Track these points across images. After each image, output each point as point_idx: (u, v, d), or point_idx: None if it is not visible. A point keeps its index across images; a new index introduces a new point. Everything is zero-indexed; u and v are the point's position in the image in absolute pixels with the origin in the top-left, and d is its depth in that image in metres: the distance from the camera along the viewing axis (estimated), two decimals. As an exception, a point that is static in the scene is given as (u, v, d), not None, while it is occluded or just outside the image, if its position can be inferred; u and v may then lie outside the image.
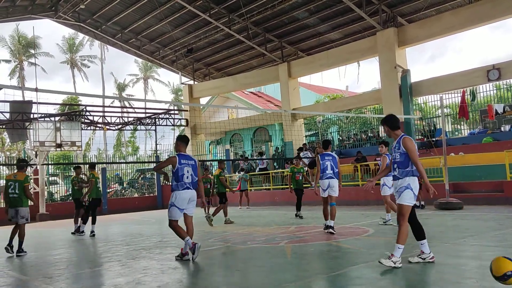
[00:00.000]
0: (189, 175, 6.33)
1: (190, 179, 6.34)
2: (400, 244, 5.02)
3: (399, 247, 5.00)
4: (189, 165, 6.37)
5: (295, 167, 12.36)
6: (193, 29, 22.48)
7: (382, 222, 9.21)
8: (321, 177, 8.34)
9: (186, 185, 6.30)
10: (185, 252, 6.34)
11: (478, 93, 17.81)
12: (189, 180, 6.34)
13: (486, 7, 15.86)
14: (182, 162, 6.32)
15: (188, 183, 6.32)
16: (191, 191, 6.37)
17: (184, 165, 6.32)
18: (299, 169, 12.34)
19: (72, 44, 46.68)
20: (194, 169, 6.42)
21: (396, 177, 5.28)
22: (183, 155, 6.47)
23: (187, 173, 6.31)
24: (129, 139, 50.03)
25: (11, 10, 21.08)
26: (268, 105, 30.10)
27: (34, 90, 7.68)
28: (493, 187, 12.94)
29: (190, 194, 6.35)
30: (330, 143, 9.00)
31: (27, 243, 9.08)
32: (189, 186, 6.34)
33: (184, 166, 6.31)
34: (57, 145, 19.02)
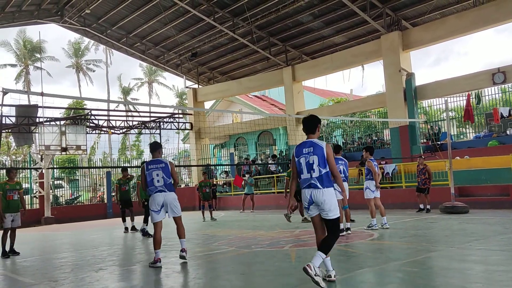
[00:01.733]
0: (160, 178, 6.49)
1: (162, 181, 6.48)
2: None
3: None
4: (158, 169, 6.53)
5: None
6: (197, 33, 22.57)
7: (380, 225, 9.18)
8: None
9: (158, 188, 6.47)
10: (157, 259, 6.33)
11: (483, 97, 17.73)
12: (161, 183, 6.48)
13: (490, 10, 15.82)
14: (149, 167, 6.55)
15: (160, 186, 6.48)
16: (165, 193, 6.48)
17: (152, 169, 6.53)
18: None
19: (77, 48, 46.99)
20: (165, 171, 6.53)
21: None
22: (152, 160, 6.68)
23: (156, 176, 6.49)
24: (134, 142, 50.18)
25: (17, 15, 21.25)
26: (272, 109, 30.11)
27: (39, 95, 7.73)
28: (499, 190, 12.87)
29: (163, 197, 6.46)
30: (341, 148, 9.16)
31: (32, 246, 9.14)
32: (162, 188, 6.47)
33: (152, 170, 6.52)
34: (63, 149, 19.11)
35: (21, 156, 38.40)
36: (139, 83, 53.57)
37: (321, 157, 4.57)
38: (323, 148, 4.60)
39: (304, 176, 4.65)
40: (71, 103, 38.94)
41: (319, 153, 4.58)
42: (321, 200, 4.51)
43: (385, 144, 20.17)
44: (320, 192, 4.52)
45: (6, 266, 7.61)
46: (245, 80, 24.85)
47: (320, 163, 4.57)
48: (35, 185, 21.05)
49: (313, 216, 4.65)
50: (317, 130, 4.78)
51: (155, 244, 6.39)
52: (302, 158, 4.67)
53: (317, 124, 4.80)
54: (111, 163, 34.52)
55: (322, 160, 4.57)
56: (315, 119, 4.83)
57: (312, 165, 4.57)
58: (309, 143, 4.70)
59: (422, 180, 12.94)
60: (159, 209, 6.44)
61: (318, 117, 4.87)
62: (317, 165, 4.56)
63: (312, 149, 4.64)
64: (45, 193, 19.94)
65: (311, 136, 4.77)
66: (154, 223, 6.49)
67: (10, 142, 38.29)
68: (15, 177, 9.25)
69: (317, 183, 4.54)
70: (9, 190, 8.76)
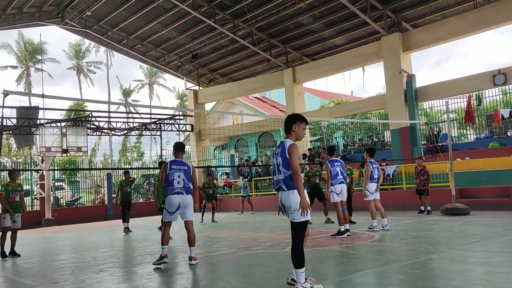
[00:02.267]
0: (180, 180, 6.46)
1: (181, 184, 6.47)
2: None
3: None
4: (180, 170, 6.50)
5: (310, 171, 12.08)
6: (198, 34, 22.59)
7: (381, 227, 9.17)
8: (333, 182, 8.53)
9: (177, 190, 6.44)
10: (163, 255, 6.37)
11: (484, 98, 17.73)
12: (181, 185, 6.46)
13: (491, 12, 15.83)
14: (172, 167, 6.50)
15: (179, 187, 6.45)
16: (183, 196, 6.47)
17: (175, 170, 6.48)
18: (314, 172, 12.02)
19: (78, 50, 47.07)
20: (187, 174, 6.52)
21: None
22: (175, 161, 6.63)
23: (178, 178, 6.46)
24: (135, 144, 50.22)
25: (18, 17, 21.28)
26: (273, 110, 30.12)
27: (40, 96, 7.73)
28: (500, 192, 12.86)
29: (181, 199, 6.45)
30: (335, 149, 9.11)
31: (33, 248, 9.14)
32: (180, 190, 6.46)
33: (175, 171, 6.48)
34: (63, 151, 19.11)
35: (22, 158, 38.44)
36: (139, 85, 53.67)
37: (285, 158, 4.31)
38: (286, 149, 4.33)
39: (275, 178, 4.48)
40: (72, 105, 38.97)
41: (283, 154, 4.34)
42: (286, 203, 4.31)
43: (385, 145, 20.16)
44: (286, 194, 4.32)
45: (7, 268, 7.61)
46: (245, 81, 24.87)
47: (283, 164, 4.33)
48: (35, 187, 21.06)
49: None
50: (292, 129, 4.47)
51: (163, 240, 6.44)
52: (274, 159, 4.53)
53: (292, 123, 4.49)
54: (112, 164, 34.56)
55: (286, 162, 4.31)
56: (290, 117, 4.57)
57: (279, 166, 4.39)
58: (281, 143, 4.48)
59: (421, 181, 12.92)
60: (174, 211, 6.46)
61: (296, 116, 4.59)
62: (282, 166, 4.34)
63: (279, 150, 4.43)
64: (45, 194, 19.95)
65: (287, 136, 4.52)
66: (165, 221, 6.55)
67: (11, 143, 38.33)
68: (17, 179, 9.33)
69: (282, 185, 4.34)
70: (11, 191, 8.85)
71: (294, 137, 4.48)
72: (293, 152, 4.29)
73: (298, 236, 4.29)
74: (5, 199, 8.73)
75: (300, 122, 4.51)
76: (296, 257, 4.23)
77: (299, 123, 4.48)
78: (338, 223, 8.61)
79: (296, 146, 4.38)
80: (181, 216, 6.55)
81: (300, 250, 4.24)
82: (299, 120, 4.51)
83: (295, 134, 4.48)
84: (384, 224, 9.11)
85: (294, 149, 4.32)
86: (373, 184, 9.08)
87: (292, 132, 4.47)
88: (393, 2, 17.55)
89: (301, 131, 4.50)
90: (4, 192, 8.79)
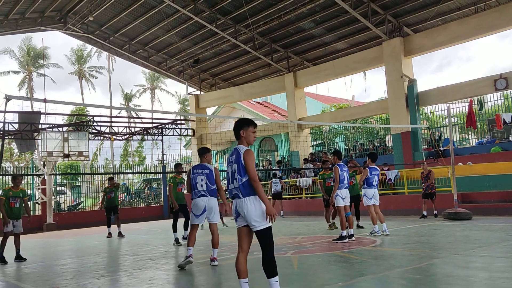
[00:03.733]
0: (203, 183, 6.67)
1: (204, 187, 6.67)
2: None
3: None
4: (203, 174, 6.71)
5: (325, 173, 11.34)
6: (199, 39, 22.66)
7: (381, 232, 9.15)
8: (340, 187, 8.53)
9: (201, 193, 6.67)
10: (188, 255, 6.54)
11: (486, 103, 17.72)
12: (204, 188, 6.67)
13: (492, 17, 15.86)
14: (195, 172, 6.75)
15: (203, 191, 6.67)
16: (207, 199, 6.66)
17: (197, 174, 6.71)
18: (329, 175, 11.10)
19: (80, 55, 47.24)
20: (210, 177, 6.71)
21: None
22: (198, 165, 6.86)
23: (200, 181, 6.67)
24: (136, 149, 50.25)
25: (21, 22, 21.39)
26: (274, 115, 30.14)
27: (42, 101, 7.75)
28: (502, 197, 12.82)
29: (205, 202, 6.65)
30: (341, 154, 9.15)
31: (34, 252, 9.12)
32: (204, 193, 6.67)
33: (197, 175, 6.71)
34: (65, 155, 19.13)
35: (24, 163, 38.48)
36: (141, 90, 53.80)
37: (240, 165, 4.12)
38: (241, 155, 4.14)
39: (230, 187, 4.28)
40: (73, 110, 39.09)
41: (238, 161, 4.14)
42: (243, 211, 4.07)
43: (387, 150, 20.14)
44: (241, 202, 4.09)
45: (8, 272, 7.60)
46: (247, 86, 24.91)
47: (239, 171, 4.13)
48: (37, 191, 21.06)
49: (238, 227, 4.22)
50: (241, 135, 4.28)
51: (189, 241, 6.69)
52: (228, 167, 4.32)
53: (240, 128, 4.28)
54: (113, 169, 34.57)
55: (241, 168, 4.11)
56: (237, 122, 4.33)
57: (234, 174, 4.19)
58: (234, 150, 4.27)
59: (429, 185, 12.89)
60: (200, 214, 6.65)
61: (243, 120, 4.36)
62: (237, 174, 4.14)
63: (233, 157, 4.22)
64: (47, 199, 19.95)
65: (238, 142, 4.32)
66: (192, 224, 6.78)
67: (13, 148, 38.41)
68: (20, 184, 9.14)
69: (238, 193, 4.13)
70: (12, 197, 8.77)
71: (245, 142, 4.29)
72: (249, 159, 4.10)
73: (266, 243, 4.07)
74: (6, 205, 8.65)
75: (247, 126, 4.30)
76: (267, 266, 4.03)
77: (246, 127, 4.28)
78: (340, 227, 8.58)
79: (251, 152, 4.18)
80: (207, 218, 6.73)
81: (271, 258, 4.05)
82: (246, 124, 4.31)
83: (244, 139, 4.28)
84: (383, 229, 9.09)
85: (249, 155, 4.12)
86: (344, 190, 8.70)
87: (241, 137, 4.28)
88: (394, 7, 17.60)
89: (250, 135, 4.29)
90: (4, 197, 8.69)
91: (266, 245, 4.08)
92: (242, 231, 4.20)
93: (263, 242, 4.08)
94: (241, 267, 4.13)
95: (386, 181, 16.04)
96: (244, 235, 4.19)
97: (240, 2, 18.57)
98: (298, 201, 18.45)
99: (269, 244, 4.09)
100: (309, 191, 18.08)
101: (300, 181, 18.71)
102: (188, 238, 6.76)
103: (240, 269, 4.13)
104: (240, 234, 4.21)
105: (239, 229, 4.21)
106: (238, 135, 4.30)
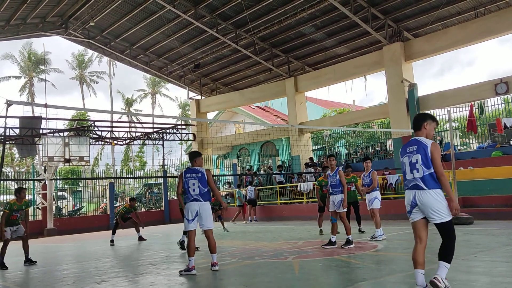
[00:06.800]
0: (196, 187, 6.52)
1: (197, 190, 6.51)
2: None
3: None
4: (194, 178, 6.56)
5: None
6: (200, 44, 22.73)
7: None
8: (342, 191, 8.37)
9: (193, 197, 6.51)
10: (191, 266, 6.38)
11: (486, 107, 17.72)
12: (196, 192, 6.51)
13: (492, 21, 15.90)
14: (186, 176, 6.61)
15: (195, 195, 6.51)
16: (200, 203, 6.50)
17: (189, 178, 6.57)
18: (350, 179, 10.72)
19: (81, 60, 47.38)
20: (202, 180, 6.55)
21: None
22: (190, 169, 6.71)
23: (192, 185, 6.52)
24: (137, 154, 50.27)
25: (22, 28, 21.48)
26: (275, 120, 30.16)
27: (43, 106, 7.78)
28: (503, 201, 12.78)
29: (198, 206, 6.49)
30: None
31: (34, 258, 9.10)
32: (197, 197, 6.51)
33: (189, 179, 6.56)
34: (66, 160, 19.14)
35: (25, 168, 38.50)
36: (142, 95, 53.90)
37: (426, 156, 4.25)
38: (428, 147, 4.25)
39: (408, 177, 4.42)
40: (74, 115, 39.16)
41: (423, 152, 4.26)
42: (425, 202, 4.21)
43: (388, 154, 20.13)
44: (425, 193, 4.21)
45: (9, 277, 7.59)
46: (247, 91, 24.95)
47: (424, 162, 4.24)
48: (38, 197, 21.06)
49: (415, 221, 4.36)
50: (424, 127, 4.43)
51: (189, 252, 6.48)
52: (405, 157, 4.44)
53: (424, 121, 4.43)
54: (114, 174, 34.57)
55: (427, 160, 4.23)
56: (422, 115, 4.55)
57: (415, 164, 4.31)
58: (414, 141, 4.40)
59: None
60: (193, 218, 6.50)
61: (428, 115, 4.59)
62: (422, 164, 4.25)
63: (414, 147, 4.35)
64: (48, 204, 19.93)
65: (417, 133, 4.45)
66: (188, 231, 6.58)
67: (14, 153, 38.43)
68: (24, 197, 8.90)
69: (421, 184, 4.26)
70: (16, 211, 8.69)
71: (425, 134, 4.43)
72: (437, 152, 4.24)
73: (449, 234, 4.26)
74: (7, 217, 8.57)
75: (432, 121, 4.49)
76: (446, 253, 4.25)
77: (431, 122, 4.46)
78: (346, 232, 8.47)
79: (438, 145, 4.35)
80: (200, 226, 6.57)
81: (452, 247, 4.27)
82: (431, 119, 4.51)
83: (425, 131, 4.43)
84: (381, 233, 9.13)
85: (437, 149, 4.27)
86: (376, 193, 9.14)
87: (423, 129, 4.43)
88: (394, 12, 17.65)
89: (432, 129, 4.47)
90: (8, 211, 8.57)
91: (449, 235, 4.25)
92: (420, 224, 4.31)
93: (445, 234, 4.26)
94: (418, 258, 4.27)
95: (387, 186, 16.02)
96: (422, 227, 4.31)
97: (241, 7, 18.64)
98: (299, 205, 18.43)
99: (453, 235, 4.26)
100: (310, 195, 18.06)
101: (301, 186, 18.72)
102: (188, 247, 6.57)
103: (418, 259, 4.27)
104: (418, 227, 4.33)
105: (416, 223, 4.32)
106: (420, 127, 4.43)
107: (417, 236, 4.33)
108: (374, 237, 9.09)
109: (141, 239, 13.01)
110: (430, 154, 4.23)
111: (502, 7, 16.22)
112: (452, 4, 16.80)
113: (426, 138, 4.41)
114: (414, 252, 4.30)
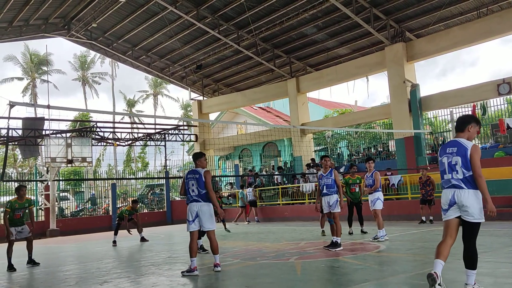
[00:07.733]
0: (194, 188, 6.57)
1: (196, 192, 6.56)
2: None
3: None
4: (193, 179, 6.61)
5: (350, 177, 11.15)
6: (202, 45, 22.74)
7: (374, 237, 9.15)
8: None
9: (193, 198, 6.57)
10: (193, 267, 6.39)
11: (489, 107, 17.67)
12: (195, 193, 6.56)
13: (494, 22, 15.86)
14: (188, 177, 6.70)
15: (195, 195, 6.56)
16: (200, 204, 6.52)
17: (189, 179, 6.66)
18: (355, 180, 10.98)
19: (83, 61, 47.46)
20: (199, 181, 6.56)
21: None
22: (191, 170, 6.79)
23: (192, 186, 6.60)
24: (139, 154, 50.32)
25: (25, 29, 21.54)
26: (277, 120, 30.16)
27: (46, 107, 7.78)
28: (506, 202, 12.74)
29: (198, 207, 6.52)
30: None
31: (37, 259, 9.12)
32: (197, 198, 6.54)
33: (189, 180, 6.65)
34: (68, 161, 19.19)
35: (27, 169, 38.58)
36: (144, 96, 53.93)
37: (466, 159, 4.31)
38: (468, 149, 4.31)
39: (445, 177, 4.46)
40: (77, 116, 39.25)
41: (463, 154, 4.31)
42: (465, 201, 4.31)
43: (390, 155, 20.09)
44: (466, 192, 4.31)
45: (12, 278, 7.60)
46: (249, 92, 24.95)
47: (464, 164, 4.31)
48: (40, 197, 21.11)
49: (448, 219, 4.44)
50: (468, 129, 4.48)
51: (190, 252, 6.49)
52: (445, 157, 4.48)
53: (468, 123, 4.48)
54: (116, 175, 34.61)
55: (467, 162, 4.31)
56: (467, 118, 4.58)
57: (455, 165, 4.38)
58: (454, 142, 4.47)
59: (428, 191, 12.90)
60: (193, 219, 6.52)
61: (474, 118, 4.62)
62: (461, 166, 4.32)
63: (454, 149, 4.41)
64: (50, 205, 19.99)
65: (459, 135, 4.51)
66: (189, 232, 6.57)
67: (17, 154, 38.53)
68: (25, 195, 8.88)
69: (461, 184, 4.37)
70: (18, 209, 8.67)
71: (467, 136, 4.47)
72: (477, 154, 4.28)
73: (473, 236, 4.39)
74: (10, 217, 8.55)
75: (477, 124, 4.53)
76: (469, 257, 4.37)
77: (475, 125, 4.49)
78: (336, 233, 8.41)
79: (478, 148, 4.38)
80: (201, 227, 6.55)
81: (474, 250, 4.40)
82: (476, 122, 4.54)
83: (468, 133, 4.48)
84: (381, 234, 9.12)
85: (477, 152, 4.31)
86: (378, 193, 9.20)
87: (466, 131, 4.47)
88: (396, 12, 17.63)
89: (474, 132, 4.52)
90: (10, 209, 8.56)
91: (473, 237, 4.37)
92: (453, 222, 4.41)
93: (470, 234, 4.36)
94: (444, 250, 4.34)
95: (389, 186, 16.00)
96: (455, 227, 4.43)
97: (243, 8, 18.65)
98: (301, 206, 18.42)
99: (473, 238, 4.40)
100: (312, 196, 18.05)
101: (302, 187, 18.71)
102: (189, 248, 6.52)
103: (442, 252, 4.34)
104: (451, 226, 4.42)
105: (450, 221, 4.40)
106: (463, 129, 4.47)
107: (448, 233, 4.40)
108: (377, 238, 9.08)
109: (143, 240, 13.04)
110: (470, 156, 4.28)
111: (505, 8, 16.17)
112: (454, 5, 16.77)
113: (467, 140, 4.45)
114: (440, 245, 4.35)
